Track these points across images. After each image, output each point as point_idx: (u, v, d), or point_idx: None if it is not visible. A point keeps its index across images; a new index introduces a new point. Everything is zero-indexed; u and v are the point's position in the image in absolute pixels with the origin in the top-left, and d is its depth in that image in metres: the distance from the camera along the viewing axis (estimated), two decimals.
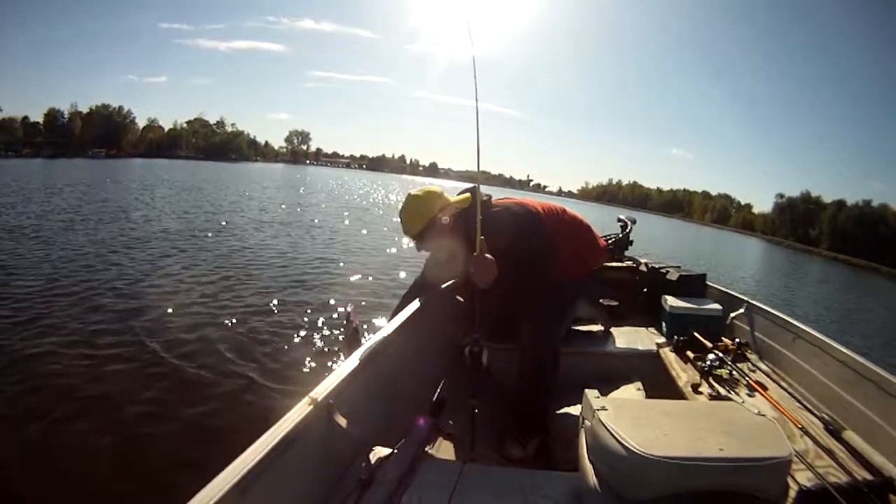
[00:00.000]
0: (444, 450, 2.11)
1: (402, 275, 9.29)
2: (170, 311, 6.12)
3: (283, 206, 21.72)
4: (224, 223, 14.15)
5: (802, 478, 1.70)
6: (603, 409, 1.43)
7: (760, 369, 2.65)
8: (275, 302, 6.91)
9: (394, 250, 12.37)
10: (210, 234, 11.86)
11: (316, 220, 17.37)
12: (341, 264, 10.09)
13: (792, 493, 1.62)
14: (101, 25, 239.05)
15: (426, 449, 1.87)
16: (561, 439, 2.32)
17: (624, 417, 1.39)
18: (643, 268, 3.83)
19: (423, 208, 2.38)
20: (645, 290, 3.71)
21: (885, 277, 51.11)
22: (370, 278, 9.00)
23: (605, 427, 1.34)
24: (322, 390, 1.66)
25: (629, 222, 4.20)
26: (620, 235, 4.24)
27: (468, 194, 2.48)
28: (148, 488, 3.03)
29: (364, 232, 16.35)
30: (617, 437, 1.30)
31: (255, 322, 6.00)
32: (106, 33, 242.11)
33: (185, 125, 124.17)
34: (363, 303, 7.21)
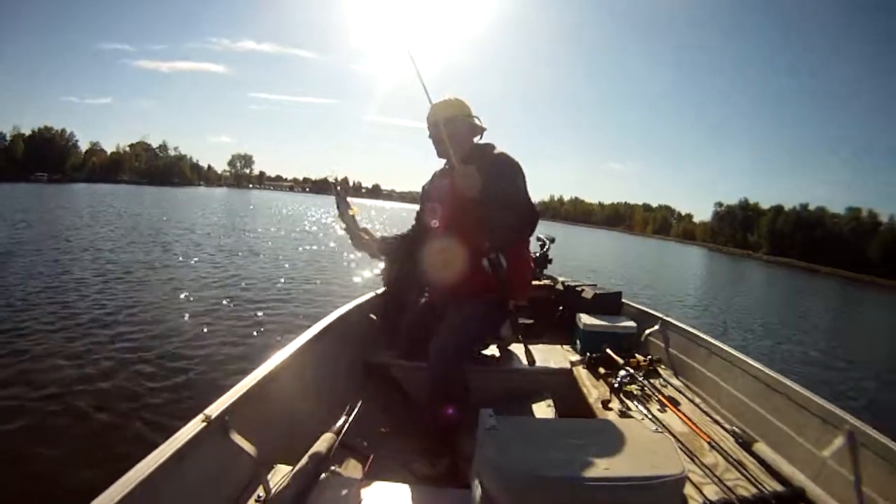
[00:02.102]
0: (350, 468, 2.02)
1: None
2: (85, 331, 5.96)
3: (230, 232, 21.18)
4: (162, 252, 13.40)
5: (710, 491, 1.71)
6: (493, 427, 1.43)
7: (673, 385, 2.65)
8: (206, 320, 6.81)
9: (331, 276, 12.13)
10: (143, 263, 11.15)
11: (253, 245, 16.84)
12: (278, 283, 10.08)
13: None
14: (38, 45, 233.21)
15: (332, 467, 1.80)
16: (470, 458, 2.27)
17: (513, 436, 1.40)
18: (560, 286, 3.85)
19: (462, 105, 2.58)
20: (561, 308, 3.72)
21: (824, 278, 53.39)
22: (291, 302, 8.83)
23: (493, 446, 1.35)
24: (217, 407, 1.61)
25: (548, 241, 4.22)
26: (538, 254, 4.24)
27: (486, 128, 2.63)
28: None
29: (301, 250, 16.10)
30: (501, 455, 1.30)
31: (173, 341, 5.83)
32: (43, 53, 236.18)
33: (127, 148, 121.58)
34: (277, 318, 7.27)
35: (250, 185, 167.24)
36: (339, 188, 2.60)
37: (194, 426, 1.50)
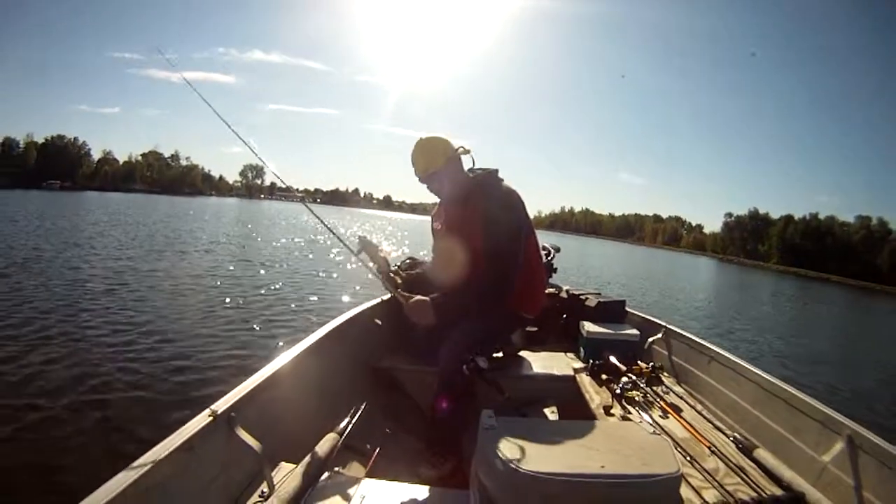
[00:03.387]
0: (353, 468, 2.07)
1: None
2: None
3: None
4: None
5: (710, 496, 1.71)
6: (492, 427, 1.47)
7: (675, 392, 2.66)
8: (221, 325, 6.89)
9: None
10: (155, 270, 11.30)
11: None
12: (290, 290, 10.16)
13: None
14: (51, 55, 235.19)
15: (335, 467, 1.84)
16: None
17: (510, 436, 1.42)
18: (564, 294, 3.86)
19: (442, 148, 2.51)
20: (565, 316, 3.73)
21: (834, 287, 52.85)
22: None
23: (490, 445, 1.37)
24: (223, 403, 1.65)
25: (553, 250, 4.19)
26: (543, 263, 4.23)
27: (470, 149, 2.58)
28: (34, 496, 2.98)
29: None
30: (499, 454, 1.32)
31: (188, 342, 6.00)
32: (56, 62, 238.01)
33: (139, 158, 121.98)
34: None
35: (262, 196, 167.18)
36: (363, 239, 2.72)
37: (201, 420, 1.53)
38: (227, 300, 8.45)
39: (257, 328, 6.85)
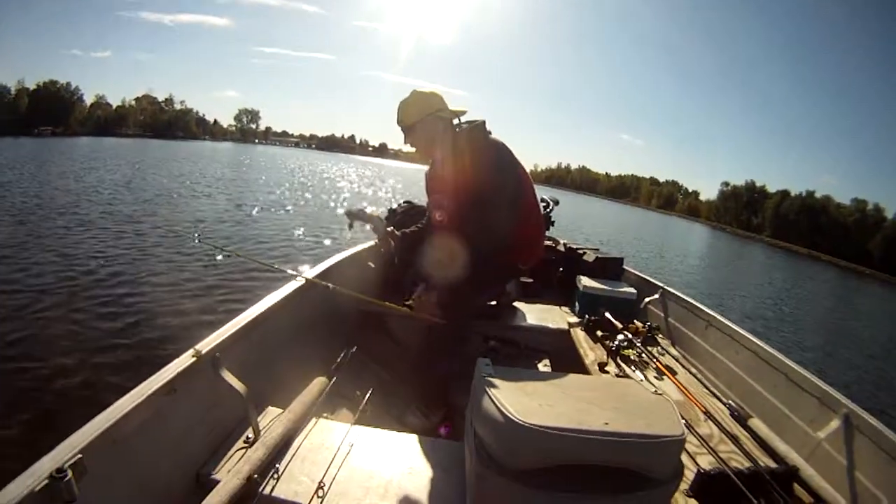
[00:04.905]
0: (340, 414, 2.05)
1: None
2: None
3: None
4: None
5: (703, 461, 1.69)
6: (490, 376, 1.41)
7: (670, 354, 2.64)
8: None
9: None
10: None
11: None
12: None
13: (691, 476, 1.59)
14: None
15: (323, 413, 1.82)
16: (463, 411, 2.26)
17: (509, 386, 1.37)
18: (561, 247, 3.81)
19: (424, 103, 2.39)
20: (561, 269, 3.69)
21: (823, 266, 53.43)
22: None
23: (488, 394, 1.32)
24: (208, 343, 1.61)
25: (551, 203, 4.12)
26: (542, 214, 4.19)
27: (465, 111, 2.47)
28: (14, 439, 2.96)
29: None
30: (497, 404, 1.26)
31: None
32: (47, 4, 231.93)
33: (132, 102, 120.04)
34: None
35: (256, 141, 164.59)
36: (351, 212, 2.63)
37: (184, 361, 1.49)
38: (223, 244, 8.16)
39: (251, 272, 6.76)
